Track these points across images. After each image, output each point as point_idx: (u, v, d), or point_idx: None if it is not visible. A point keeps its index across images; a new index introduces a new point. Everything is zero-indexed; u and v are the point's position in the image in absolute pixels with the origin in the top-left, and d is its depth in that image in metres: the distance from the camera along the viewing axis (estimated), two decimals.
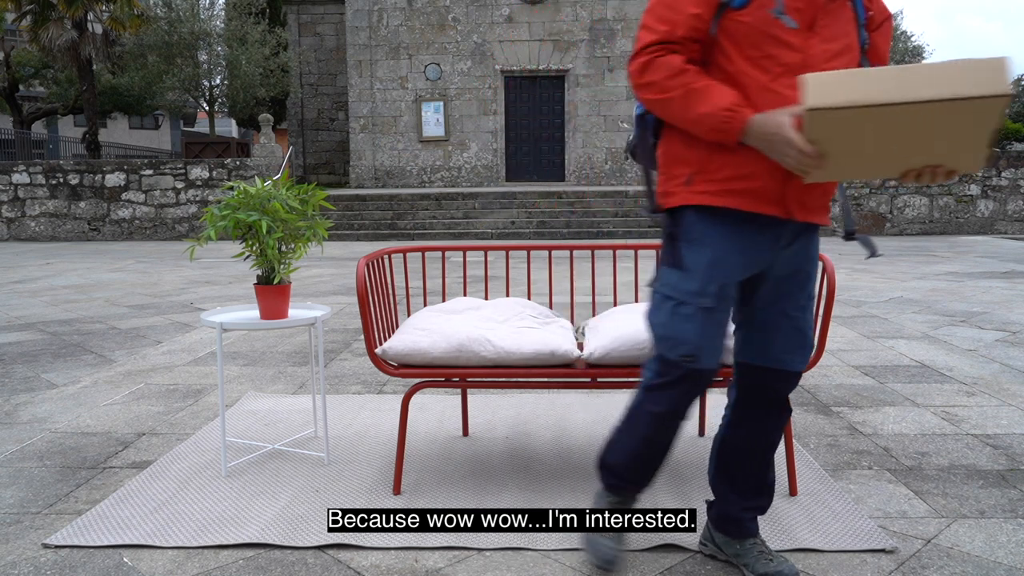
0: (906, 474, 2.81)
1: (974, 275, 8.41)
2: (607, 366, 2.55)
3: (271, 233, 2.73)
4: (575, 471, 2.83)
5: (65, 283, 8.44)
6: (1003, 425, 3.35)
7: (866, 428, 3.33)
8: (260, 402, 3.82)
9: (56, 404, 3.81)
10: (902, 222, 14.40)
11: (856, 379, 4.14)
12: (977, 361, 4.50)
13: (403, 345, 2.56)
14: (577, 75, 19.69)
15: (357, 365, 4.58)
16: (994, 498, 2.60)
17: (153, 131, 38.77)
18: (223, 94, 21.93)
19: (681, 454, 3.00)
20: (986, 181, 14.43)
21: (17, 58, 24.77)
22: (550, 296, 3.36)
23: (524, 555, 2.24)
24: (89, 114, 19.72)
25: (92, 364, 4.65)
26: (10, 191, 15.19)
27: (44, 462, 3.02)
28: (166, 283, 8.39)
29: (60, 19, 18.62)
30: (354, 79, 19.94)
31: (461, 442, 3.19)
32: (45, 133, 30.28)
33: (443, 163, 20.18)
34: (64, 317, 6.26)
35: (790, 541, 2.28)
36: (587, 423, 3.41)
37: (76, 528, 2.41)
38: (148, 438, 3.30)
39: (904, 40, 28.35)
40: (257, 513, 2.51)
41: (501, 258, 9.92)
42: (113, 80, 23.38)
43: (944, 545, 2.27)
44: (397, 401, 3.79)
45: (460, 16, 19.73)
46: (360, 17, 19.79)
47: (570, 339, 2.64)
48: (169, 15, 20.68)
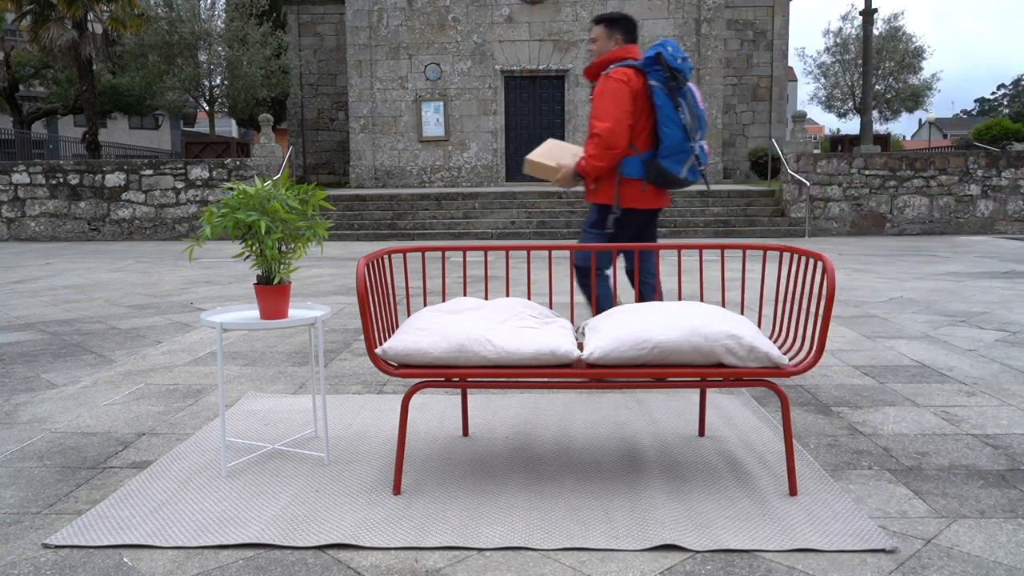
0: (906, 474, 2.81)
1: (974, 275, 8.41)
2: (607, 366, 2.55)
3: (270, 233, 2.73)
4: (575, 471, 2.83)
5: (65, 283, 8.44)
6: (1003, 425, 3.35)
7: (866, 428, 3.34)
8: (260, 402, 3.82)
9: (56, 404, 3.81)
10: (902, 222, 14.40)
11: (856, 379, 4.14)
12: (977, 361, 4.50)
13: (403, 345, 2.56)
14: (577, 75, 19.69)
15: (357, 365, 4.58)
16: (994, 498, 2.60)
17: (153, 131, 38.77)
18: (223, 94, 21.92)
19: (681, 454, 3.01)
20: (986, 181, 14.43)
21: (17, 58, 24.78)
22: (550, 296, 3.36)
23: (524, 555, 2.24)
24: (89, 114, 19.72)
25: (92, 364, 4.65)
26: (10, 191, 15.19)
27: (44, 462, 3.02)
28: (166, 283, 8.39)
29: (60, 19, 18.63)
30: (354, 79, 19.94)
31: (461, 442, 3.19)
32: (45, 133, 30.29)
33: (443, 163, 20.18)
34: (64, 317, 6.26)
35: (790, 541, 2.28)
36: (587, 423, 3.41)
37: (76, 528, 2.41)
38: (148, 438, 3.31)
39: (906, 41, 28.33)
40: (257, 513, 2.51)
41: (501, 258, 9.92)
42: (113, 80, 23.37)
43: (944, 545, 2.27)
44: (397, 401, 3.79)
45: (460, 16, 19.73)
46: (360, 17, 19.79)
47: (570, 339, 2.64)
48: (170, 15, 20.67)
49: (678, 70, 3.79)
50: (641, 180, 3.95)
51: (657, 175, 3.92)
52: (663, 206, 4.10)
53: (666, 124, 3.81)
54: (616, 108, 3.81)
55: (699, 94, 3.92)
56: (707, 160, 4.00)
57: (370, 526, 2.40)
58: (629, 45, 4.07)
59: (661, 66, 3.80)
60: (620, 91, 3.81)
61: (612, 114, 3.80)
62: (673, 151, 3.85)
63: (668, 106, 3.79)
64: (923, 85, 29.37)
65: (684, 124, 3.81)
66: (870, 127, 19.69)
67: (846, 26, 29.36)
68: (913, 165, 14.43)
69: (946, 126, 65.88)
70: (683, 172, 3.92)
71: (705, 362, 2.54)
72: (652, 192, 4.01)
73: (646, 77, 3.88)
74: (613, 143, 3.84)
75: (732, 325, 2.57)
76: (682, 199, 15.17)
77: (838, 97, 29.33)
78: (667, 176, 3.91)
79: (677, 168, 3.90)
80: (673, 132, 3.82)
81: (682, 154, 3.86)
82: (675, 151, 3.85)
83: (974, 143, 21.77)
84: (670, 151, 3.85)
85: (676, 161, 3.87)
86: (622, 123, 3.82)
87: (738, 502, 2.55)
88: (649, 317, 2.65)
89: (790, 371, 2.56)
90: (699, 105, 3.89)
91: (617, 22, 4.07)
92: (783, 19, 22.35)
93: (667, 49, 3.81)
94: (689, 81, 3.88)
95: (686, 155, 3.87)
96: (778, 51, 22.40)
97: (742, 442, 3.15)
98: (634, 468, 2.86)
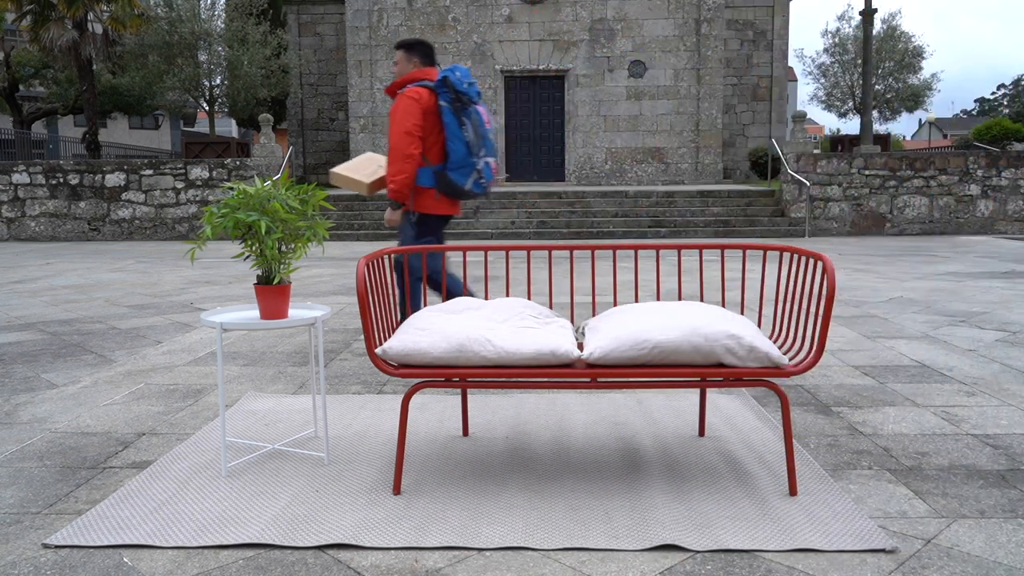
0: (906, 474, 2.81)
1: (974, 275, 8.41)
2: (607, 366, 2.55)
3: (270, 233, 2.73)
4: (575, 471, 2.83)
5: (65, 283, 8.44)
6: (1003, 425, 3.35)
7: (866, 428, 3.34)
8: (260, 402, 3.82)
9: (56, 404, 3.81)
10: (902, 222, 14.40)
11: (856, 379, 4.14)
12: (977, 361, 4.50)
13: (403, 345, 2.56)
14: (577, 75, 19.70)
15: (357, 365, 4.58)
16: (994, 498, 2.60)
17: (153, 131, 38.77)
18: (223, 94, 21.92)
19: (681, 454, 3.01)
20: (986, 181, 14.43)
21: (17, 58, 24.77)
22: (550, 296, 3.36)
23: (524, 555, 2.24)
24: (89, 114, 19.71)
25: (92, 364, 4.65)
26: (10, 191, 15.19)
27: (44, 462, 3.02)
28: (166, 283, 8.39)
29: (60, 19, 18.62)
30: (354, 79, 19.94)
31: (461, 442, 3.19)
32: (45, 133, 30.28)
33: None
34: (64, 317, 6.26)
35: (790, 541, 2.28)
36: (587, 423, 3.41)
37: (76, 528, 2.41)
38: (148, 438, 3.31)
39: (905, 41, 28.34)
40: (257, 513, 2.51)
41: (501, 258, 9.92)
42: (113, 80, 23.37)
43: (944, 545, 2.28)
44: (397, 401, 3.79)
45: (460, 16, 19.73)
46: (360, 17, 19.79)
47: (570, 339, 2.64)
48: (170, 15, 20.66)
49: (463, 93, 4.26)
50: (433, 189, 4.41)
51: (445, 185, 4.37)
52: (455, 214, 4.57)
53: (452, 140, 4.29)
54: (407, 122, 4.28)
55: (486, 115, 4.37)
56: (491, 175, 4.41)
57: (370, 526, 2.40)
58: (427, 68, 4.53)
59: (448, 88, 4.28)
60: (411, 107, 4.29)
61: (404, 127, 4.28)
62: (458, 165, 4.31)
63: (454, 124, 4.28)
64: (923, 85, 29.39)
65: (468, 141, 4.29)
66: (870, 127, 19.70)
67: (844, 26, 29.38)
68: (913, 165, 14.43)
69: (946, 126, 65.88)
70: (468, 184, 4.36)
71: (705, 362, 2.54)
72: (445, 200, 4.47)
73: (438, 97, 4.34)
74: (408, 152, 4.29)
75: (732, 325, 2.57)
76: (682, 199, 15.18)
77: (838, 97, 29.35)
78: (454, 187, 4.35)
79: (462, 180, 4.34)
80: (458, 148, 4.29)
81: (466, 168, 4.32)
82: (460, 165, 4.31)
83: (974, 143, 21.77)
84: (456, 164, 4.31)
85: (462, 174, 4.33)
86: (414, 134, 4.28)
87: (738, 502, 2.55)
88: (649, 317, 2.65)
89: (790, 371, 2.56)
90: (484, 125, 4.34)
91: (414, 47, 4.54)
92: (783, 19, 22.35)
93: (455, 74, 4.28)
94: (479, 104, 4.35)
95: (470, 169, 4.32)
96: (778, 51, 22.40)
97: (742, 442, 3.15)
98: (634, 468, 2.86)
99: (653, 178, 19.85)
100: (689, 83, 19.60)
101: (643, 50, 19.56)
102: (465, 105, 4.28)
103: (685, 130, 19.74)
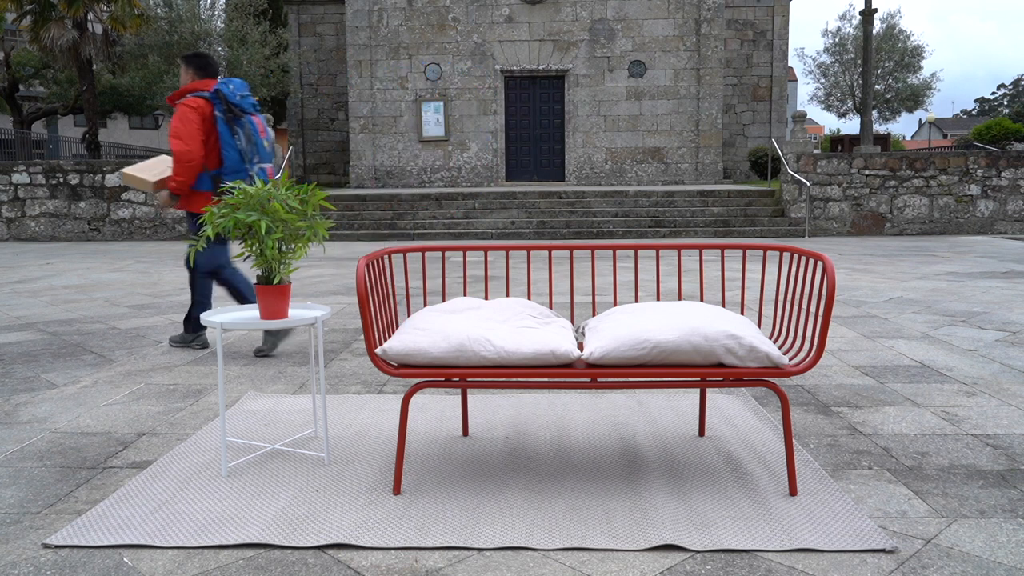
0: (906, 474, 2.81)
1: (974, 275, 8.41)
2: (607, 366, 2.55)
3: (271, 233, 2.73)
4: (575, 471, 2.83)
5: (65, 283, 8.44)
6: (1003, 425, 3.35)
7: (866, 428, 3.34)
8: (260, 402, 3.82)
9: (56, 404, 3.81)
10: (902, 222, 14.40)
11: (856, 379, 4.14)
12: (977, 361, 4.50)
13: (403, 345, 2.56)
14: (577, 75, 19.70)
15: (357, 365, 4.58)
16: (994, 498, 2.60)
17: (153, 131, 38.77)
18: None
19: (681, 454, 3.01)
20: (986, 181, 14.43)
21: (17, 58, 24.78)
22: (550, 296, 3.36)
23: (524, 555, 2.24)
24: (89, 114, 19.72)
25: (92, 364, 4.66)
26: (10, 191, 15.19)
27: (44, 462, 3.02)
28: (166, 283, 8.39)
29: (61, 19, 18.63)
30: (354, 79, 19.94)
31: (461, 442, 3.19)
32: (45, 133, 30.28)
33: (443, 163, 20.18)
34: (64, 317, 6.26)
35: (790, 541, 2.28)
36: (587, 423, 3.41)
37: (76, 528, 2.41)
38: (148, 438, 3.31)
39: (904, 39, 28.34)
40: (257, 513, 2.51)
41: (501, 258, 9.92)
42: (113, 80, 23.38)
43: (944, 545, 2.28)
44: (397, 401, 3.79)
45: (460, 16, 19.73)
46: (360, 17, 19.79)
47: (570, 339, 2.64)
48: (170, 15, 20.66)
49: (235, 104, 4.57)
50: (211, 192, 4.71)
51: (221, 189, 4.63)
52: None
53: (225, 148, 4.61)
54: (186, 129, 4.56)
55: (261, 125, 4.65)
56: (267, 180, 4.67)
57: (370, 526, 2.40)
58: (205, 79, 4.79)
59: (221, 100, 4.58)
60: (189, 115, 4.58)
61: (184, 134, 4.56)
62: (232, 170, 4.63)
63: (226, 133, 4.60)
64: (923, 85, 29.40)
65: (240, 149, 4.61)
66: (870, 127, 19.70)
67: (844, 26, 29.40)
68: (913, 165, 14.43)
69: (946, 126, 65.90)
70: None
71: (705, 362, 2.54)
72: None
73: (215, 107, 4.63)
74: (188, 157, 4.57)
75: (732, 325, 2.57)
76: (682, 199, 15.18)
77: (838, 97, 29.35)
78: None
79: None
80: (231, 155, 4.61)
81: (240, 173, 4.62)
82: (233, 171, 4.63)
83: (974, 143, 21.76)
84: (230, 170, 4.63)
85: (235, 179, 4.56)
86: (194, 140, 4.56)
87: (738, 502, 2.55)
88: (649, 317, 2.65)
89: (790, 371, 2.56)
90: (259, 135, 4.63)
91: (191, 60, 4.84)
92: (783, 19, 22.36)
93: (228, 87, 4.58)
94: (254, 114, 4.64)
95: (243, 175, 4.63)
96: (778, 51, 22.40)
97: (742, 442, 3.15)
98: (634, 468, 2.86)
99: (653, 178, 19.85)
100: (689, 83, 19.60)
101: (643, 50, 19.56)
102: (237, 116, 4.59)
103: (685, 130, 19.74)
